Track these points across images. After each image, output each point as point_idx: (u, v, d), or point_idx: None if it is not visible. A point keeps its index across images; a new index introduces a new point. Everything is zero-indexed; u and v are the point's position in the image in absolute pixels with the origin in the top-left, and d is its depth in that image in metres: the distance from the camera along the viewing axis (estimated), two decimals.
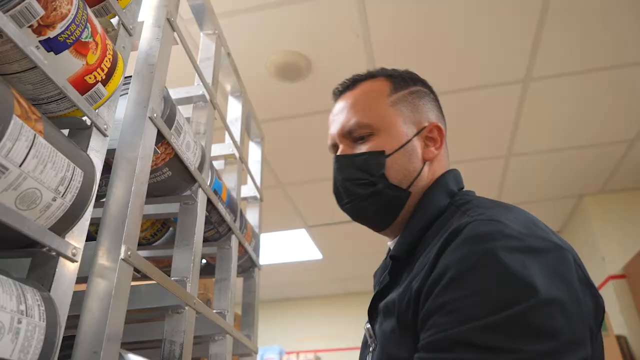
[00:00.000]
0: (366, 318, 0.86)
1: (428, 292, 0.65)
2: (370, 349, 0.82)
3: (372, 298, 0.84)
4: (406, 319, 0.69)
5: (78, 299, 0.65)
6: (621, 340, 3.37)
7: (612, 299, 3.60)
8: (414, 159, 0.86)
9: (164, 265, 1.30)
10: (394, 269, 0.82)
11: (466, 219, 0.69)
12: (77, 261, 0.63)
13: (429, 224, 0.81)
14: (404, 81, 0.93)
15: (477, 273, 0.61)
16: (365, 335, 0.88)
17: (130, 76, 0.87)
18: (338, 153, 0.90)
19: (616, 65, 2.63)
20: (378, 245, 5.32)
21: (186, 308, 0.90)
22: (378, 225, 0.91)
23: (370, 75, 0.95)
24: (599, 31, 2.41)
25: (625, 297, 3.58)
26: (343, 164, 0.88)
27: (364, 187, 0.86)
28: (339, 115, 0.92)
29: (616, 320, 3.51)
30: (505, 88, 2.78)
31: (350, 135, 0.89)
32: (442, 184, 0.87)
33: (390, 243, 0.94)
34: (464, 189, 0.90)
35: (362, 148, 0.87)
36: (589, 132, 3.18)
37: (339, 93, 0.97)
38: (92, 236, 0.70)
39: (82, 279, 0.66)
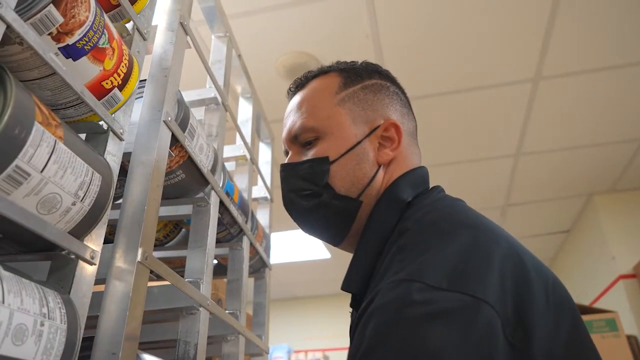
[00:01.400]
0: None
1: None
2: None
3: (349, 334, 0.74)
4: None
5: (96, 300, 0.66)
6: (632, 340, 3.35)
7: (622, 298, 3.58)
8: (364, 163, 0.76)
9: (176, 265, 1.32)
10: (352, 301, 0.75)
11: (384, 283, 0.59)
12: (95, 264, 0.64)
13: (375, 252, 0.70)
14: (356, 75, 0.83)
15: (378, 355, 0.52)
16: None
17: (145, 80, 0.88)
18: (284, 161, 0.83)
19: (626, 64, 2.61)
20: None
21: (200, 309, 0.91)
22: (331, 240, 0.82)
23: (321, 72, 0.85)
24: (609, 30, 2.40)
25: (636, 296, 3.56)
26: (287, 173, 0.80)
27: (308, 198, 0.77)
28: (287, 118, 0.84)
29: (627, 320, 3.48)
30: (515, 87, 2.78)
31: (297, 140, 0.81)
32: (392, 194, 0.75)
33: None
34: (428, 189, 0.79)
35: (309, 154, 0.79)
36: (599, 131, 3.17)
37: (290, 93, 0.89)
38: (107, 238, 0.72)
39: (99, 280, 0.67)
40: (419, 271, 0.56)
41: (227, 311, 1.18)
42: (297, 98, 0.85)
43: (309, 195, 0.77)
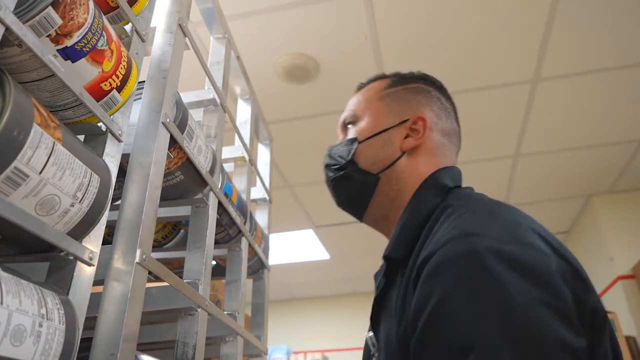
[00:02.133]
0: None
1: (413, 322, 0.62)
2: (374, 359, 0.80)
3: (373, 305, 0.81)
4: (406, 333, 0.66)
5: (94, 301, 0.66)
6: (630, 341, 3.36)
7: (621, 299, 3.58)
8: (388, 147, 0.88)
9: (175, 266, 1.32)
10: (388, 269, 0.80)
11: (443, 238, 0.64)
12: (93, 265, 0.65)
13: (420, 224, 0.77)
14: (402, 79, 0.96)
15: (458, 300, 0.57)
16: (366, 345, 0.84)
17: (143, 81, 0.88)
18: None
19: (624, 66, 2.62)
20: (385, 245, 5.31)
21: (198, 310, 0.91)
22: (355, 213, 0.94)
23: (377, 77, 0.99)
24: (607, 31, 2.41)
25: (634, 297, 3.56)
26: (327, 153, 0.94)
27: (335, 171, 0.91)
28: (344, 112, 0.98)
29: (625, 321, 3.49)
30: (514, 88, 2.78)
31: (344, 126, 0.95)
32: (436, 180, 0.84)
33: None
34: (463, 187, 0.87)
35: (346, 137, 0.93)
36: (598, 132, 3.17)
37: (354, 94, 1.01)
38: (105, 239, 0.72)
39: (98, 281, 0.67)
40: (478, 227, 0.63)
41: (225, 312, 1.18)
42: (353, 97, 0.99)
43: (337, 168, 0.90)
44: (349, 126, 0.94)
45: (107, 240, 0.73)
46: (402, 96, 0.92)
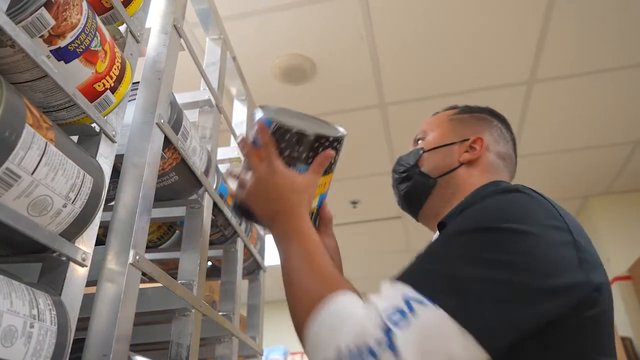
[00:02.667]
0: None
1: None
2: None
3: None
4: None
5: (87, 302, 0.66)
6: (626, 342, 3.37)
7: (617, 300, 3.59)
8: (449, 158, 1.00)
9: (170, 267, 1.32)
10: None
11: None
12: (86, 266, 0.65)
13: (470, 203, 0.86)
14: (470, 109, 1.09)
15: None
16: None
17: (138, 82, 0.88)
18: None
19: (620, 67, 2.63)
20: (384, 246, 5.33)
21: (193, 311, 0.91)
22: (411, 211, 1.06)
23: (450, 107, 1.13)
24: (603, 33, 2.41)
25: (631, 298, 3.57)
26: (396, 161, 1.08)
27: (400, 173, 1.04)
28: None
29: (621, 322, 3.50)
30: (510, 90, 2.79)
31: (415, 142, 1.08)
32: (484, 185, 0.94)
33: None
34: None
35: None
36: (594, 134, 3.18)
37: None
38: (100, 239, 0.72)
39: (91, 282, 0.67)
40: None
41: (220, 313, 1.18)
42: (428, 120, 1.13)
43: (402, 171, 1.04)
44: (419, 141, 1.06)
45: (102, 240, 0.73)
46: (468, 121, 1.05)
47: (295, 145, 0.78)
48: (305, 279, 0.72)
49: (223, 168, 1.49)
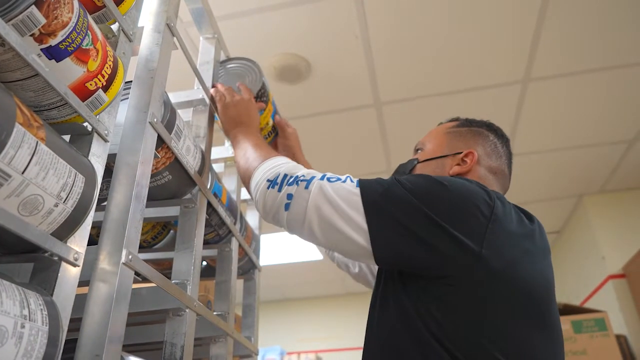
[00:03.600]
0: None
1: None
2: None
3: None
4: None
5: (79, 302, 0.66)
6: (621, 340, 3.38)
7: (612, 298, 3.60)
8: (440, 170, 1.07)
9: (165, 267, 1.31)
10: None
11: None
12: (78, 266, 0.64)
13: None
14: (468, 122, 1.14)
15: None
16: None
17: (131, 81, 0.88)
18: None
19: (615, 66, 2.64)
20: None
21: (187, 311, 0.91)
22: None
23: (451, 119, 1.19)
24: (598, 32, 2.42)
25: (625, 296, 3.58)
26: (396, 168, 1.16)
27: None
28: None
29: (616, 320, 3.51)
30: (504, 89, 2.79)
31: (415, 151, 1.16)
32: None
33: None
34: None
35: None
36: (589, 132, 3.19)
37: None
38: (92, 239, 0.71)
39: (83, 282, 0.67)
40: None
41: (215, 313, 1.17)
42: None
43: None
44: (418, 151, 1.14)
45: (96, 240, 0.73)
46: (464, 134, 1.11)
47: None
48: (252, 154, 1.03)
49: (217, 167, 1.49)
